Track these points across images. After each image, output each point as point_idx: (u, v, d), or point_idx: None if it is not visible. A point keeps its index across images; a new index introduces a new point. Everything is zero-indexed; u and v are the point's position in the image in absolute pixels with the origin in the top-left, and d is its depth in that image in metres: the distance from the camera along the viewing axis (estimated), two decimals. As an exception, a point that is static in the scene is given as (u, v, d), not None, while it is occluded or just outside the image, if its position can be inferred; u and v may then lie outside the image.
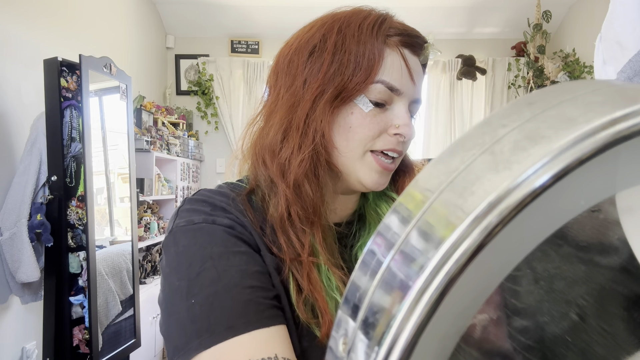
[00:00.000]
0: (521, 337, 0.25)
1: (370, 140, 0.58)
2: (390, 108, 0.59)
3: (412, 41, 0.59)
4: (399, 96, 0.58)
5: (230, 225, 0.54)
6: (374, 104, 0.57)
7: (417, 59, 0.60)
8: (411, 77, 0.58)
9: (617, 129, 0.15)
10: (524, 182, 0.15)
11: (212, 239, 0.52)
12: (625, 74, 0.61)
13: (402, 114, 0.58)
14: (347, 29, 0.58)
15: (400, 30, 0.58)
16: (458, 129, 4.12)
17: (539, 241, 0.17)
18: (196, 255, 0.51)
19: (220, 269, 0.50)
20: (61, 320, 1.94)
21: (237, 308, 0.48)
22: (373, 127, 0.58)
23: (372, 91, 0.57)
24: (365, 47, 0.56)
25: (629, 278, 0.25)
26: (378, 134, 0.58)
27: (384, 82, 0.56)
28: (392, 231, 0.19)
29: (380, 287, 0.18)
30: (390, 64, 0.57)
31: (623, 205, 0.23)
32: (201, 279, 0.49)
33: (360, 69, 0.56)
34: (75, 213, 1.99)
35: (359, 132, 0.58)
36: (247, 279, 0.50)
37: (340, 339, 0.19)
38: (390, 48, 0.57)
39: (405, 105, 0.59)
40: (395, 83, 0.57)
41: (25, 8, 2.16)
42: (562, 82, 0.44)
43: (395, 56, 0.57)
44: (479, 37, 4.17)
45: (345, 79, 0.56)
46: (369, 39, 0.56)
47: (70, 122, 1.97)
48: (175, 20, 4.01)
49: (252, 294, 0.49)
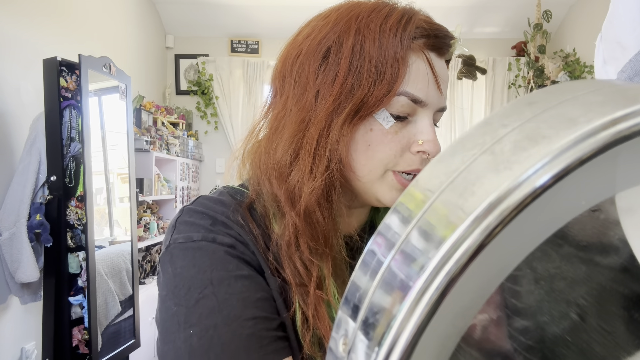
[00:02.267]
0: (521, 337, 0.25)
1: (392, 159, 0.51)
2: (413, 120, 0.52)
3: (439, 43, 0.51)
4: (424, 108, 0.51)
5: (231, 244, 0.50)
6: (395, 117, 0.50)
7: (443, 61, 0.53)
8: (437, 85, 0.51)
9: (617, 129, 0.15)
10: (524, 182, 0.15)
11: (212, 261, 0.48)
12: (626, 74, 0.61)
13: (427, 128, 0.51)
14: (366, 30, 0.49)
15: (427, 31, 0.51)
16: (458, 129, 4.12)
17: (539, 241, 0.17)
18: (195, 279, 0.48)
19: (221, 297, 0.46)
20: (60, 320, 1.94)
21: (239, 344, 0.45)
22: (394, 145, 0.51)
23: (394, 104, 0.50)
24: (388, 54, 0.48)
25: (629, 278, 0.25)
26: (400, 152, 0.51)
27: (407, 94, 0.49)
28: (393, 231, 0.19)
29: (380, 287, 0.18)
30: (415, 72, 0.50)
31: (623, 205, 0.23)
32: (200, 307, 0.46)
33: (382, 80, 0.48)
34: (74, 213, 1.99)
35: (379, 151, 0.51)
36: (249, 309, 0.46)
37: (340, 339, 0.19)
38: (415, 53, 0.50)
39: (430, 118, 0.52)
40: (421, 94, 0.50)
41: (25, 8, 2.16)
42: (562, 82, 0.44)
43: (420, 62, 0.50)
44: (479, 37, 4.17)
45: (365, 93, 0.49)
46: (392, 44, 0.49)
47: (69, 122, 1.96)
48: (175, 20, 4.01)
49: (255, 327, 0.46)
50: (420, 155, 0.52)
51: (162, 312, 0.49)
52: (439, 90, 0.51)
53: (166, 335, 0.48)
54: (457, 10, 3.87)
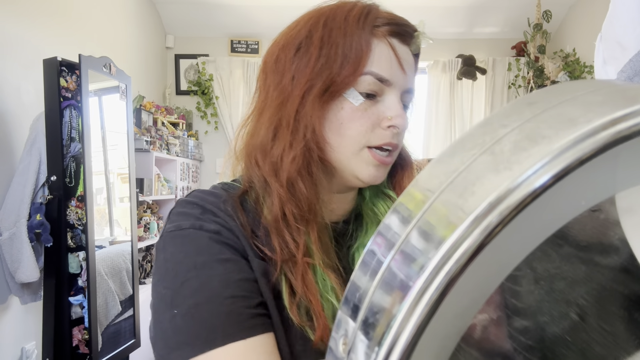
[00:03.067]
0: (521, 337, 0.25)
1: (363, 135, 0.57)
2: (382, 100, 0.58)
3: (400, 30, 0.58)
4: (390, 87, 0.57)
5: (216, 230, 0.53)
6: (364, 96, 0.56)
7: (407, 48, 0.59)
8: (401, 66, 0.57)
9: (617, 129, 0.15)
10: (524, 182, 0.15)
11: (197, 247, 0.52)
12: (626, 74, 0.61)
13: (394, 104, 0.57)
14: (332, 22, 0.57)
15: (388, 20, 0.58)
16: (458, 129, 4.12)
17: (539, 241, 0.17)
18: (181, 264, 0.52)
19: (203, 279, 0.50)
20: (61, 320, 1.94)
21: (216, 320, 0.48)
22: (365, 121, 0.56)
23: (362, 83, 0.56)
24: (352, 39, 0.56)
25: (629, 278, 0.25)
26: (371, 128, 0.57)
27: (373, 74, 0.56)
28: (393, 231, 0.19)
29: (380, 287, 0.18)
30: (378, 54, 0.56)
31: (623, 205, 0.23)
32: (184, 289, 0.50)
33: (348, 62, 0.55)
34: (74, 213, 1.99)
35: (350, 128, 0.57)
36: (228, 289, 0.50)
37: (340, 339, 0.19)
38: (378, 38, 0.57)
39: (397, 96, 0.58)
40: (385, 74, 0.56)
41: (25, 7, 2.16)
42: (562, 82, 0.44)
43: (383, 46, 0.57)
44: (479, 37, 4.17)
45: (333, 72, 0.55)
46: (356, 31, 0.56)
47: (69, 122, 1.97)
48: (175, 20, 4.01)
49: (233, 305, 0.49)
50: (391, 130, 0.57)
51: (154, 296, 0.53)
52: (403, 70, 0.57)
53: (156, 316, 0.51)
54: (457, 10, 3.87)
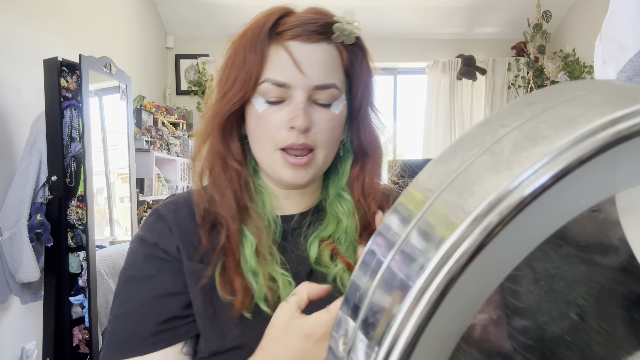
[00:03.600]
0: (521, 336, 0.25)
1: (270, 138, 0.61)
2: (288, 103, 0.60)
3: (301, 31, 0.60)
4: (292, 89, 0.59)
5: (154, 243, 0.61)
6: (270, 103, 0.60)
7: (312, 45, 0.60)
8: (298, 67, 0.59)
9: (617, 129, 0.15)
10: (524, 182, 0.15)
11: (133, 261, 0.62)
12: (625, 74, 0.61)
13: (295, 105, 0.59)
14: (239, 39, 0.62)
15: (291, 24, 0.60)
16: (458, 129, 4.12)
17: (539, 241, 0.17)
18: (121, 274, 0.63)
19: (127, 295, 0.60)
20: (61, 320, 1.94)
21: (126, 333, 0.58)
22: (269, 125, 0.60)
23: (263, 91, 0.60)
24: (249, 53, 0.60)
25: (628, 278, 0.25)
26: (276, 131, 0.60)
27: (269, 80, 0.59)
28: (393, 231, 0.19)
29: (380, 287, 0.18)
30: (275, 61, 0.59)
31: (623, 205, 0.23)
32: (117, 299, 0.61)
33: (243, 76, 0.60)
34: (75, 213, 1.99)
35: (258, 133, 0.62)
36: (142, 307, 0.59)
37: (340, 339, 0.19)
38: (277, 45, 0.60)
39: (302, 96, 0.59)
40: (281, 78, 0.59)
41: (26, 8, 2.16)
42: (562, 82, 0.44)
43: (281, 51, 0.59)
44: (479, 37, 4.17)
45: (235, 89, 0.60)
46: (252, 44, 0.60)
47: (70, 122, 1.97)
48: (175, 20, 4.01)
49: (141, 322, 0.58)
50: (294, 131, 0.60)
51: None
52: (300, 71, 0.59)
53: None
54: (457, 10, 3.87)
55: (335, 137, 0.63)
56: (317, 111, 0.61)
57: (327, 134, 0.62)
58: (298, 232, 0.66)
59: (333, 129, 0.62)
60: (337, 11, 0.64)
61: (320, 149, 0.62)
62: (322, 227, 0.66)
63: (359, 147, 0.68)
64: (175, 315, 0.60)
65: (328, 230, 0.65)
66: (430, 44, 4.17)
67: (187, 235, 0.62)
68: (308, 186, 0.68)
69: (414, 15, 3.92)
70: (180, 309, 0.60)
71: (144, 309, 0.59)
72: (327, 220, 0.67)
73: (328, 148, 0.63)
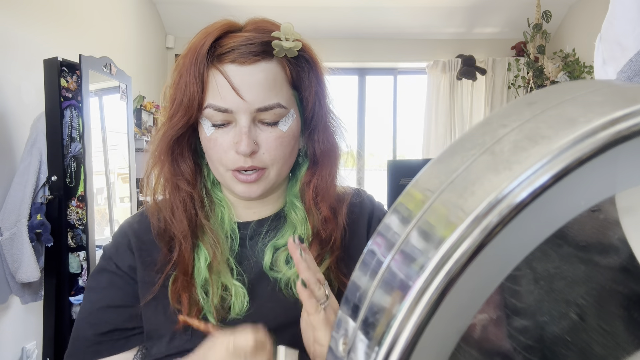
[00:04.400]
0: (521, 336, 0.25)
1: (219, 160, 0.61)
2: (234, 125, 0.60)
3: (238, 54, 0.59)
4: (234, 113, 0.59)
5: (109, 256, 0.66)
6: (216, 126, 0.61)
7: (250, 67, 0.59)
8: (237, 93, 0.58)
9: (617, 129, 0.15)
10: (524, 182, 0.15)
11: (94, 272, 0.67)
12: (625, 74, 0.61)
13: (237, 130, 0.60)
14: (182, 60, 0.62)
15: (228, 48, 0.59)
16: (458, 129, 4.12)
17: (539, 241, 0.17)
18: (87, 282, 0.68)
19: (84, 302, 0.66)
20: (61, 320, 1.94)
21: (75, 340, 0.64)
22: (218, 149, 0.61)
23: (209, 116, 0.60)
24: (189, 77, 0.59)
25: (628, 278, 0.25)
26: (224, 154, 0.61)
27: (211, 106, 0.59)
28: (393, 231, 0.19)
29: (380, 287, 0.18)
30: (214, 86, 0.59)
31: (623, 205, 0.23)
32: (81, 305, 0.67)
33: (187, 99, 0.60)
34: (75, 213, 1.99)
35: (209, 155, 0.63)
36: (91, 316, 0.64)
37: (340, 339, 0.19)
38: (214, 70, 0.59)
39: (245, 120, 0.59)
40: (222, 104, 0.59)
41: (26, 8, 2.16)
42: (562, 82, 0.44)
43: (219, 76, 0.59)
44: (479, 37, 4.17)
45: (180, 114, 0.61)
46: (192, 68, 0.59)
47: (70, 122, 1.97)
48: (175, 20, 4.01)
49: (87, 330, 0.64)
50: (240, 155, 0.60)
51: None
52: (239, 96, 0.58)
53: None
54: (457, 11, 3.87)
55: (287, 152, 0.63)
56: (264, 131, 0.61)
57: (275, 152, 0.62)
58: (256, 240, 0.67)
59: (282, 146, 0.62)
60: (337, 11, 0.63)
61: (271, 166, 0.62)
62: (280, 235, 0.67)
63: (313, 155, 0.68)
64: (117, 327, 0.64)
65: (285, 238, 0.66)
66: (430, 44, 4.17)
67: (146, 247, 0.65)
68: (268, 195, 0.69)
69: (414, 15, 3.92)
70: (122, 322, 0.64)
71: (91, 317, 0.64)
72: (286, 227, 0.68)
73: (280, 164, 0.63)
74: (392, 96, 4.31)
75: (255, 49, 0.59)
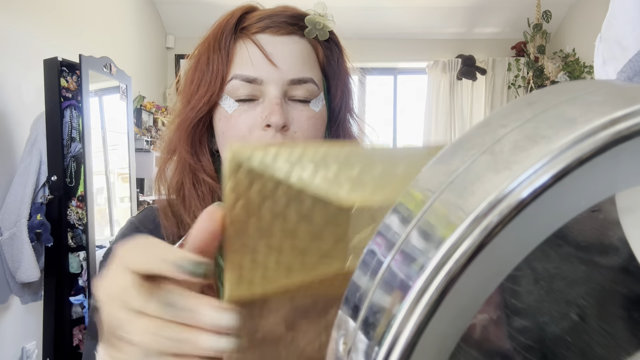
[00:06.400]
0: (521, 337, 0.25)
1: (242, 140, 0.54)
2: (262, 100, 0.54)
3: (270, 22, 0.54)
4: (264, 84, 0.53)
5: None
6: (240, 101, 0.54)
7: (284, 37, 0.55)
8: (269, 60, 0.53)
9: (617, 129, 0.15)
10: (524, 182, 0.15)
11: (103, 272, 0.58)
12: (625, 74, 0.61)
13: (269, 101, 0.53)
14: (202, 42, 0.57)
15: (258, 17, 0.55)
16: (458, 129, 4.12)
17: (539, 241, 0.17)
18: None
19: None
20: (61, 320, 1.94)
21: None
22: (241, 126, 0.53)
23: (232, 90, 0.54)
24: (212, 53, 0.55)
25: (629, 278, 0.25)
26: (248, 132, 0.53)
27: (238, 76, 0.53)
28: (393, 231, 0.19)
29: (380, 287, 0.18)
30: (242, 56, 0.54)
31: (623, 205, 0.23)
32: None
33: (210, 75, 0.54)
34: (75, 213, 1.99)
35: (229, 136, 0.54)
36: None
37: (341, 339, 0.19)
38: (244, 40, 0.54)
39: (277, 91, 0.53)
40: (252, 72, 0.53)
41: (25, 8, 2.16)
42: (562, 82, 0.44)
43: (250, 46, 0.54)
44: (479, 37, 4.17)
45: (200, 93, 0.55)
46: (216, 43, 0.55)
47: (70, 122, 1.97)
48: (175, 20, 4.01)
49: None
50: (270, 130, 0.52)
51: None
52: (272, 64, 0.53)
53: None
54: (457, 11, 3.87)
55: (317, 138, 0.56)
56: (295, 108, 0.54)
57: (308, 133, 0.54)
58: None
59: (315, 128, 0.55)
60: (337, 11, 0.62)
61: None
62: None
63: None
64: None
65: None
66: (430, 44, 4.17)
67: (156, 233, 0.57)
68: None
69: (414, 15, 3.92)
70: None
71: None
72: None
73: None
74: (392, 96, 4.31)
75: (288, 19, 0.55)
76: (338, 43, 0.60)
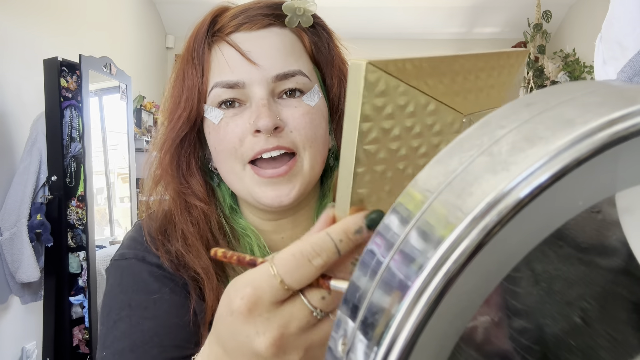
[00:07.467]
0: (521, 338, 0.25)
1: (234, 150, 0.49)
2: (248, 105, 0.50)
3: (244, 18, 0.50)
4: (247, 87, 0.49)
5: (159, 264, 0.50)
6: (225, 107, 0.50)
7: (261, 31, 0.51)
8: (247, 59, 0.49)
9: (615, 130, 0.15)
10: (522, 183, 0.15)
11: (135, 283, 0.50)
12: (626, 74, 0.61)
13: (255, 103, 0.49)
14: (182, 54, 0.54)
15: (231, 16, 0.51)
16: (458, 129, 4.12)
17: (537, 241, 0.17)
18: (116, 299, 0.50)
19: (134, 321, 0.47)
20: (61, 320, 1.94)
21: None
22: (229, 137, 0.49)
23: (215, 99, 0.50)
24: (187, 65, 0.52)
25: (628, 278, 0.25)
26: (239, 141, 0.49)
27: (218, 84, 0.49)
28: (392, 231, 0.19)
29: (379, 287, 0.18)
30: (220, 61, 0.50)
31: (622, 206, 0.23)
32: (115, 330, 0.48)
33: (187, 89, 0.51)
34: (75, 213, 1.99)
35: (220, 148, 0.51)
36: (157, 337, 0.47)
37: (340, 339, 0.19)
38: (218, 44, 0.51)
39: (262, 91, 0.49)
40: (231, 77, 0.49)
41: (26, 8, 2.16)
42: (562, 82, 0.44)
43: (225, 48, 0.50)
44: (479, 37, 4.17)
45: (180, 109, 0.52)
46: (190, 55, 0.52)
47: (70, 122, 1.97)
48: (175, 20, 4.01)
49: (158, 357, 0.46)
50: (261, 135, 0.48)
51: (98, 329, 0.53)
52: (251, 62, 0.49)
53: (97, 353, 0.49)
54: (457, 11, 3.87)
55: (319, 134, 0.51)
56: (287, 106, 0.50)
57: (305, 130, 0.49)
58: None
59: (312, 125, 0.50)
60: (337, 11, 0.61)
61: (303, 151, 0.50)
62: None
63: None
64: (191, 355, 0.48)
65: None
66: (430, 44, 4.17)
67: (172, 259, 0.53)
68: (299, 210, 0.55)
69: (414, 15, 3.92)
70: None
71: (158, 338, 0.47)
72: None
73: (314, 149, 0.50)
74: (392, 96, 4.31)
75: (263, 11, 0.51)
76: (325, 27, 0.55)
